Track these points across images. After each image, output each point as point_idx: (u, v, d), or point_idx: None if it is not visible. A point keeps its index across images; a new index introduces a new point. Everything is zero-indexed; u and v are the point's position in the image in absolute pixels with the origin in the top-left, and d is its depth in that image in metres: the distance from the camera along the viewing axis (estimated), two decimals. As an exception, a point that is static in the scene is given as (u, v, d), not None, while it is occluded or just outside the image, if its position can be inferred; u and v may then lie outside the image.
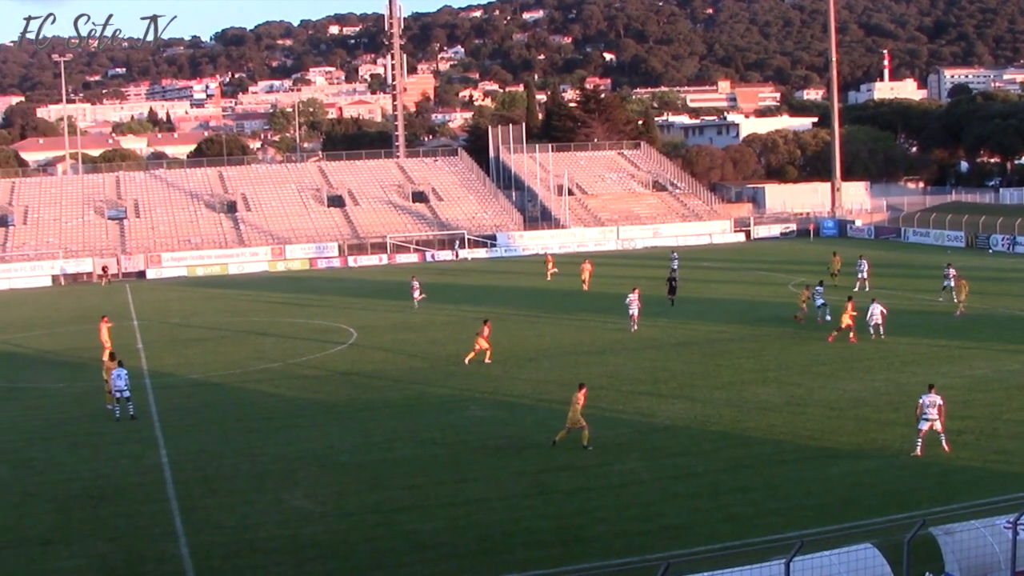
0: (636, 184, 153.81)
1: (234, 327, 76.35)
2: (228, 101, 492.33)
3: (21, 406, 52.81)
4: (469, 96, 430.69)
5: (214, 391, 53.91)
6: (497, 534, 30.78)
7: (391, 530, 31.64)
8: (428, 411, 46.52)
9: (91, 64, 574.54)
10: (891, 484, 33.65)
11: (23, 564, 30.56)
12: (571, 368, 54.43)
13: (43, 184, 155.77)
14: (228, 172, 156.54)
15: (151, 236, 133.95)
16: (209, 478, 37.98)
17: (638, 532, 30.32)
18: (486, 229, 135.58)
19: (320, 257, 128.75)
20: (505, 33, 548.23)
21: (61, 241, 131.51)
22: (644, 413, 44.30)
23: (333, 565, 29.21)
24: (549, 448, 39.34)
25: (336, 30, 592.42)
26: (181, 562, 29.98)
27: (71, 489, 37.58)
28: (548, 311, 73.70)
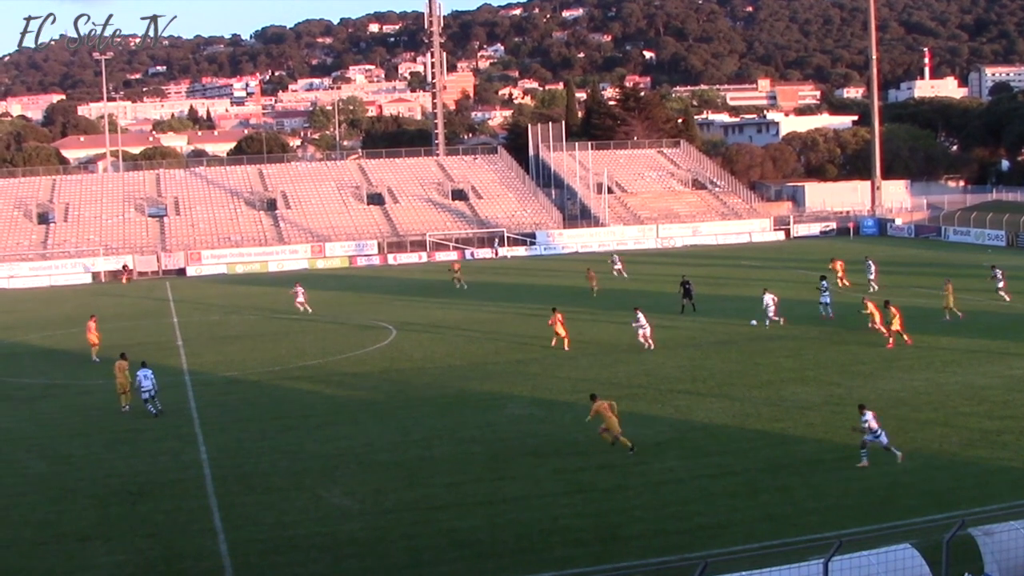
0: (675, 182, 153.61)
1: (273, 324, 76.57)
2: (268, 99, 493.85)
3: (60, 403, 53.09)
4: (509, 94, 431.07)
5: (253, 388, 54.10)
6: (535, 532, 30.80)
7: (429, 528, 31.70)
8: (466, 409, 46.57)
9: (132, 62, 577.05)
10: (930, 484, 33.52)
11: (62, 559, 30.74)
12: (609, 367, 54.42)
13: (84, 182, 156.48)
14: (268, 170, 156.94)
15: (191, 233, 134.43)
16: (248, 475, 38.13)
17: (676, 531, 30.30)
18: (525, 227, 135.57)
19: (360, 255, 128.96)
20: (545, 31, 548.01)
21: (101, 238, 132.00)
22: (682, 412, 44.23)
23: (371, 562, 29.27)
24: (587, 446, 39.35)
25: (376, 28, 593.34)
26: (220, 559, 30.10)
27: (110, 485, 37.78)
28: (586, 310, 73.62)
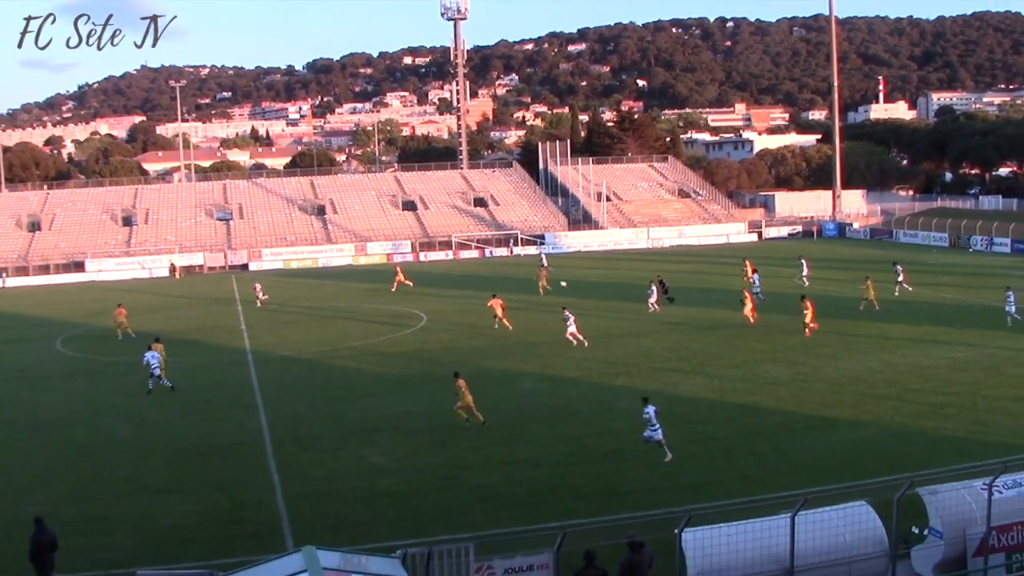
0: (664, 192, 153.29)
1: (323, 311, 76.61)
2: (318, 120, 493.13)
3: (141, 378, 53.04)
4: (522, 117, 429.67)
5: (305, 365, 54.20)
6: (545, 488, 30.83)
7: (455, 483, 31.78)
8: (487, 384, 46.47)
9: (202, 88, 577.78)
10: (884, 450, 33.44)
11: (143, 509, 30.83)
12: (608, 348, 54.35)
13: (161, 190, 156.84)
14: (318, 181, 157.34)
15: (253, 234, 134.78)
16: (301, 438, 38.22)
17: (665, 488, 30.32)
18: (536, 229, 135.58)
19: (396, 253, 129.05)
20: (553, 63, 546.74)
21: (177, 238, 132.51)
22: (670, 386, 44.16)
23: (405, 512, 29.33)
24: (589, 416, 39.44)
25: (410, 60, 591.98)
26: (277, 509, 30.18)
27: (183, 446, 37.94)
28: (589, 299, 73.56)
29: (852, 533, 21.56)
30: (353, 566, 17.63)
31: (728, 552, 20.65)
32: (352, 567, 17.56)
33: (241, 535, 28.23)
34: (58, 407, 46.98)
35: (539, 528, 25.84)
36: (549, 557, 21.11)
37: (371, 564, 18.06)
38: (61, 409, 46.44)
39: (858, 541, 21.54)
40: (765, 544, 20.95)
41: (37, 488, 33.69)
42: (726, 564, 20.65)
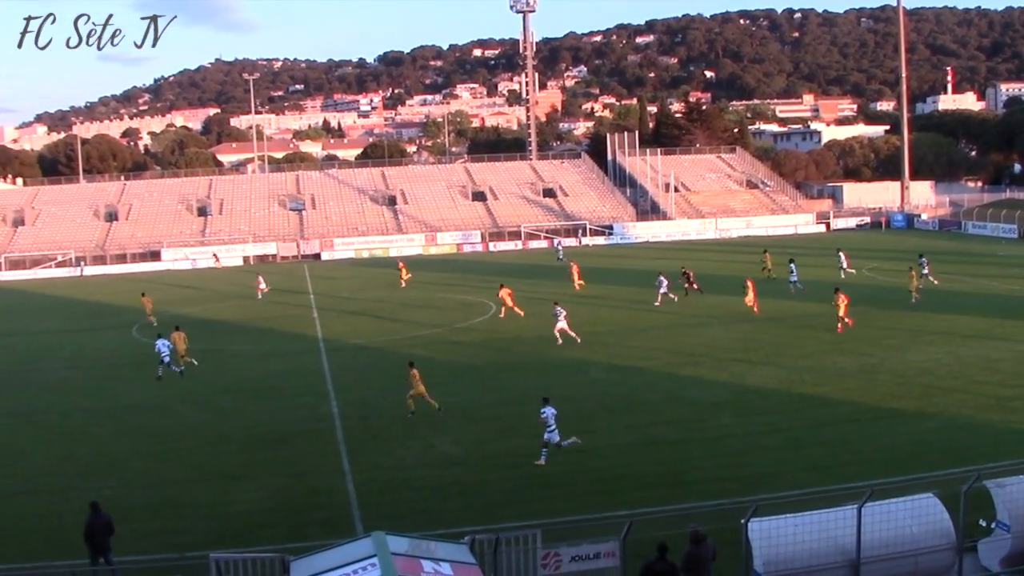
0: (732, 183, 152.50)
1: (393, 300, 76.89)
2: (389, 112, 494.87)
3: (216, 364, 53.64)
4: (591, 108, 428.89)
5: (376, 354, 54.42)
6: (611, 477, 30.79)
7: (522, 472, 31.75)
8: (554, 373, 46.56)
9: (275, 81, 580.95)
10: (951, 442, 33.09)
11: (217, 495, 31.13)
12: (674, 338, 54.18)
13: (235, 181, 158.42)
14: (389, 171, 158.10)
15: (325, 224, 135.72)
16: (371, 426, 38.42)
17: (731, 478, 30.13)
18: (604, 220, 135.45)
19: (465, 243, 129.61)
20: (621, 55, 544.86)
21: (250, 228, 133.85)
22: (737, 377, 43.97)
23: (473, 500, 29.40)
24: (656, 405, 39.29)
25: (479, 52, 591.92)
26: (347, 496, 30.34)
27: (256, 433, 38.24)
28: (651, 290, 73.36)
29: (919, 525, 21.32)
30: (422, 551, 17.69)
31: (794, 543, 20.50)
32: (421, 552, 17.62)
33: (312, 521, 28.42)
34: (133, 394, 47.52)
35: (606, 516, 25.79)
36: (615, 545, 21.07)
37: (439, 550, 18.11)
38: (136, 396, 46.96)
39: (925, 534, 21.30)
40: (831, 535, 20.79)
41: (112, 473, 34.10)
42: (792, 555, 20.51)
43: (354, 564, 16.91)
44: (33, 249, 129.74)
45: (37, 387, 50.42)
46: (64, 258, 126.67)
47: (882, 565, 20.96)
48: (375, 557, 16.77)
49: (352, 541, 18.78)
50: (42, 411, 44.72)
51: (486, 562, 20.16)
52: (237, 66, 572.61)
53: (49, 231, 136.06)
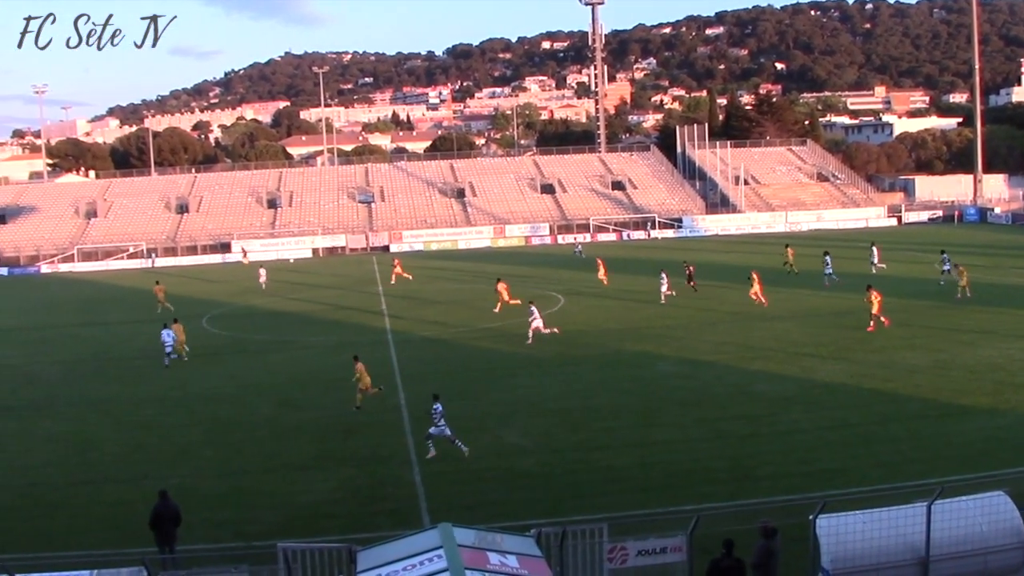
0: (802, 175, 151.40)
1: (462, 292, 77.11)
2: (458, 105, 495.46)
3: (285, 355, 54.10)
4: (660, 100, 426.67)
5: (444, 346, 54.60)
6: (679, 471, 30.69)
7: (589, 465, 31.75)
8: (622, 366, 46.51)
9: (344, 74, 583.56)
10: (1022, 439, 32.69)
11: (287, 484, 31.39)
12: (744, 332, 53.88)
13: (305, 174, 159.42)
14: (458, 164, 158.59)
15: (394, 217, 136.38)
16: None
17: (799, 473, 29.95)
18: (673, 213, 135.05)
19: (534, 235, 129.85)
20: (691, 46, 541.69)
21: (319, 220, 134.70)
22: (806, 371, 43.63)
23: (540, 493, 29.40)
24: (725, 400, 39.10)
25: (548, 45, 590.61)
26: (415, 487, 30.47)
27: (325, 424, 38.54)
28: (724, 282, 73.03)
29: (989, 524, 21.09)
30: (488, 543, 17.74)
31: (862, 540, 20.37)
32: (487, 544, 17.67)
33: (380, 511, 28.59)
34: (203, 384, 48.05)
35: (673, 511, 25.76)
36: (682, 540, 21.03)
37: (506, 542, 18.15)
38: (206, 386, 47.49)
39: (995, 532, 21.06)
40: (900, 532, 20.63)
41: (182, 462, 34.51)
42: (860, 552, 20.38)
43: (420, 555, 17.00)
44: (105, 241, 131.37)
45: (109, 377, 51.11)
46: (135, 250, 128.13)
47: (951, 563, 20.77)
48: (441, 548, 16.85)
49: (419, 532, 18.88)
50: (113, 400, 45.31)
51: (552, 555, 20.19)
52: (307, 59, 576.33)
53: (121, 223, 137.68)
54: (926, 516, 20.53)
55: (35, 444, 38.21)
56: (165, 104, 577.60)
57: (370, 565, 17.48)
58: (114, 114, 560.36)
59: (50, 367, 49.50)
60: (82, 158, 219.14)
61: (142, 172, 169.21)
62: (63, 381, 50.67)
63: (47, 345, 63.15)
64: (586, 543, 20.92)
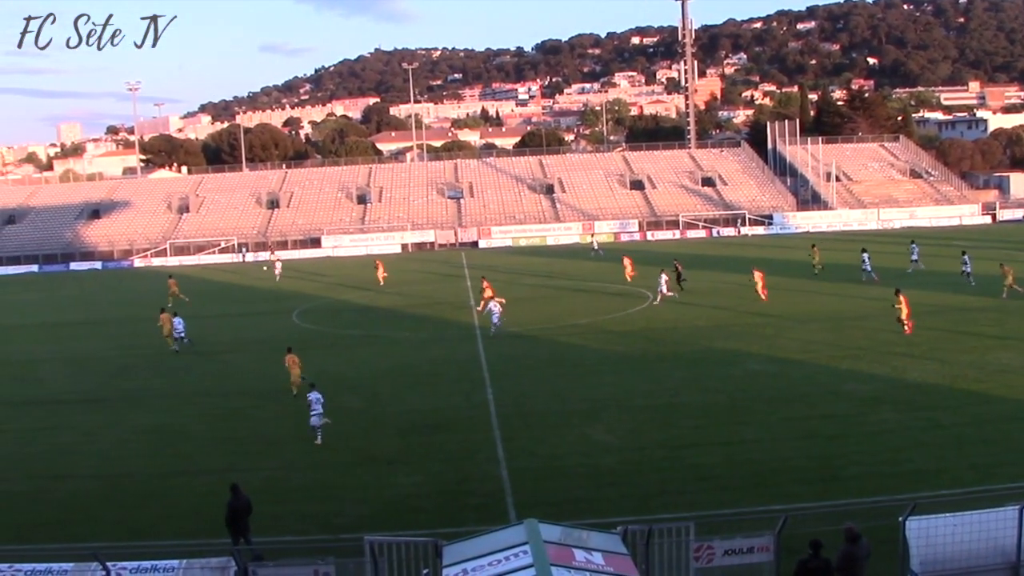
0: (895, 172, 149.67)
1: (550, 289, 77.13)
2: (547, 101, 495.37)
3: (374, 350, 54.49)
4: (750, 96, 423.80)
5: (532, 342, 54.61)
6: (767, 470, 30.46)
7: (676, 463, 31.67)
8: (710, 364, 46.27)
9: (434, 71, 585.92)
10: (1120, 441, 32.13)
11: (373, 479, 31.63)
12: (834, 331, 53.32)
13: (395, 169, 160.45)
14: (547, 160, 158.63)
15: (483, 212, 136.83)
16: (525, 414, 38.59)
17: (889, 474, 29.58)
18: (764, 210, 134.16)
19: (623, 232, 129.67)
20: (781, 41, 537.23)
21: (408, 216, 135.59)
22: (897, 371, 43.05)
23: (626, 490, 29.34)
24: (814, 399, 38.75)
25: (637, 40, 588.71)
26: (501, 483, 30.55)
27: (412, 419, 38.74)
28: (814, 281, 72.42)
29: (1084, 528, 20.76)
30: (574, 540, 17.73)
31: (953, 543, 20.11)
32: (573, 541, 17.66)
33: (466, 506, 28.71)
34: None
35: (760, 510, 25.62)
36: (770, 540, 20.91)
37: (592, 539, 18.13)
38: (296, 380, 47.95)
39: (1090, 536, 20.73)
40: (991, 536, 20.32)
41: (271, 454, 34.96)
42: (950, 555, 20.12)
43: (506, 551, 17.02)
44: (197, 235, 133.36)
45: (200, 370, 51.82)
46: (227, 244, 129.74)
47: (1044, 568, 20.47)
48: (527, 544, 16.87)
49: (504, 528, 18.91)
50: (204, 393, 45.98)
51: (638, 553, 20.15)
52: (396, 56, 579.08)
53: (212, 218, 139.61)
54: (1018, 520, 20.22)
55: (127, 435, 38.90)
56: (256, 100, 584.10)
57: (455, 560, 17.54)
58: (206, 110, 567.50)
59: (142, 359, 50.23)
60: (175, 154, 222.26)
61: (233, 168, 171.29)
62: (155, 373, 51.49)
63: (139, 338, 64.09)
64: (672, 541, 20.88)
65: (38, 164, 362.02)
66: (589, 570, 16.58)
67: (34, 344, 63.96)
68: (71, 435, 39.41)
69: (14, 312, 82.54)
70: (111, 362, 55.69)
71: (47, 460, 35.81)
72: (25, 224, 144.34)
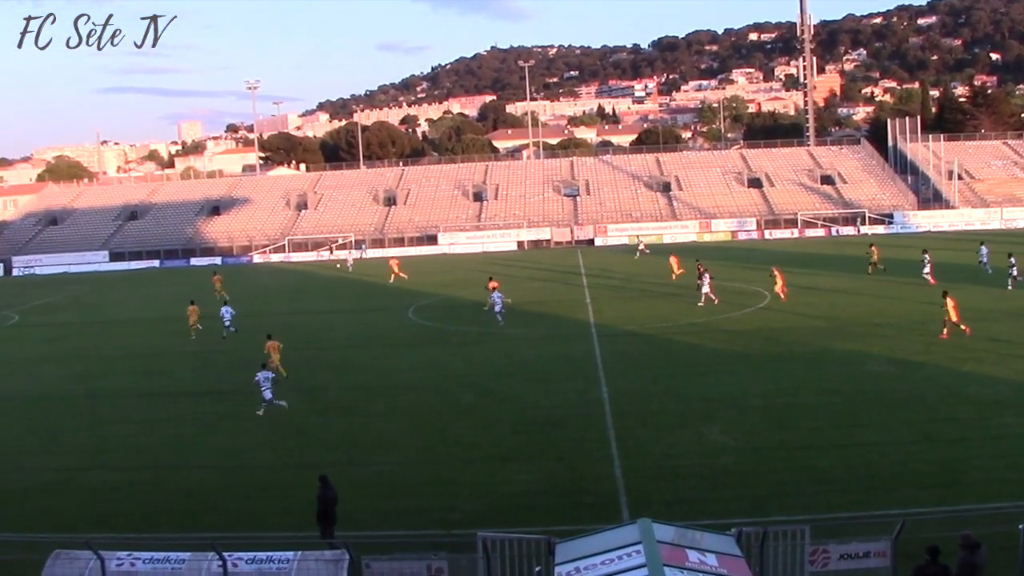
0: (1019, 170, 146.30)
1: (666, 287, 76.75)
2: (663, 98, 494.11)
3: (488, 347, 54.69)
4: (870, 93, 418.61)
5: (648, 340, 54.36)
6: (885, 474, 30.01)
7: (792, 464, 31.33)
8: (829, 364, 45.73)
9: (550, 68, 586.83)
10: None
11: (486, 475, 31.77)
12: (956, 333, 52.27)
13: (510, 167, 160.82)
14: (663, 157, 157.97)
15: (599, 210, 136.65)
16: (641, 412, 38.45)
17: (1012, 480, 28.94)
18: (884, 208, 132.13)
19: (740, 230, 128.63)
20: (902, 37, 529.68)
21: (524, 213, 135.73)
22: (1020, 375, 42.09)
23: (741, 492, 29.09)
24: (935, 402, 38.08)
25: (755, 37, 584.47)
26: (615, 481, 30.47)
27: (527, 416, 38.80)
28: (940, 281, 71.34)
29: None
30: (688, 541, 17.68)
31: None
32: (687, 542, 17.61)
33: (579, 504, 28.68)
34: (408, 374, 48.92)
35: (878, 514, 25.23)
36: (886, 545, 20.64)
37: (705, 540, 18.06)
38: (411, 376, 48.33)
39: None
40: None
41: (387, 449, 35.30)
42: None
43: (619, 550, 17.02)
44: (315, 232, 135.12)
45: (318, 364, 52.49)
46: (344, 241, 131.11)
47: None
48: (640, 544, 16.84)
49: (618, 527, 18.90)
50: (322, 387, 46.54)
51: (752, 555, 20.02)
52: (512, 53, 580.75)
53: (330, 215, 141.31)
54: None
55: (247, 427, 39.59)
56: (374, 98, 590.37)
57: (568, 558, 17.57)
58: (324, 109, 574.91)
59: (262, 353, 50.81)
60: (293, 151, 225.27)
61: (351, 165, 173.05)
62: (274, 367, 52.23)
63: (259, 332, 65.10)
64: (787, 544, 20.71)
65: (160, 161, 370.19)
66: (702, 571, 16.51)
67: (158, 337, 65.23)
68: (192, 426, 40.26)
69: (138, 306, 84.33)
70: (232, 355, 56.62)
71: (168, 450, 36.61)
72: (147, 220, 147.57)
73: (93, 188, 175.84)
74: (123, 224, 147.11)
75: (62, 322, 77.32)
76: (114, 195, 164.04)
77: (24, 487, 32.99)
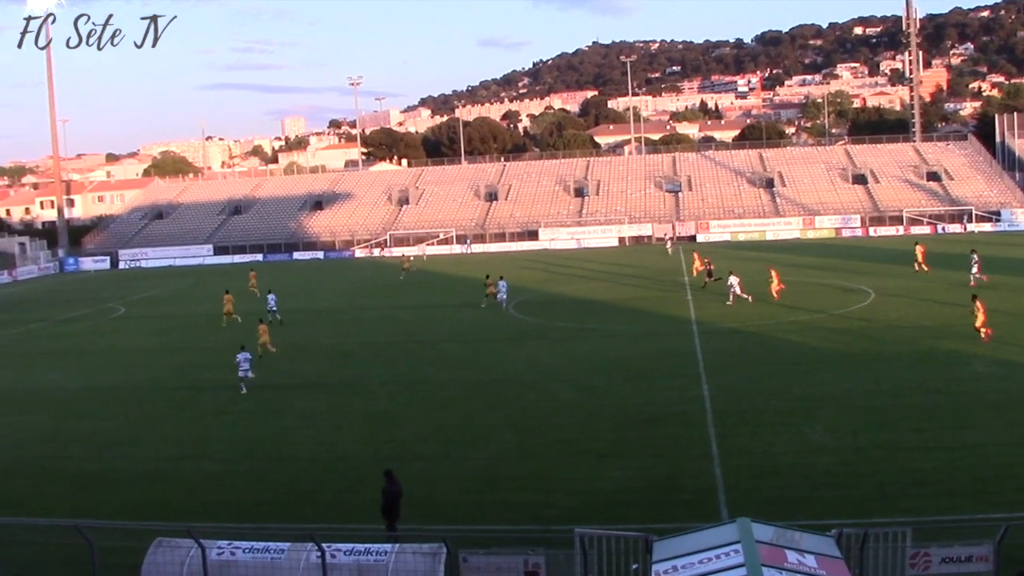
0: None
1: (767, 285, 76.14)
2: (767, 93, 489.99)
3: (589, 343, 54.63)
4: (978, 87, 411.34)
5: (750, 338, 54.00)
6: (990, 477, 29.54)
7: (894, 466, 30.90)
8: (934, 365, 45.08)
9: (652, 63, 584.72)
10: None
11: (585, 470, 31.79)
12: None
13: (612, 163, 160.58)
14: (767, 153, 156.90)
15: (701, 206, 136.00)
16: (742, 411, 38.21)
17: (1122, 484, 28.48)
18: (991, 206, 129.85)
19: (844, 227, 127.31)
20: (1011, 30, 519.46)
21: (626, 209, 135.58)
22: None
23: (842, 492, 28.78)
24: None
25: (860, 31, 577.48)
26: (714, 480, 30.32)
27: (626, 412, 38.75)
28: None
29: None
30: (787, 541, 17.56)
31: None
32: (785, 542, 17.49)
33: (677, 502, 28.60)
34: (506, 368, 49.16)
35: (981, 518, 24.84)
36: (989, 549, 20.34)
37: (805, 541, 17.92)
38: (510, 370, 48.54)
39: None
40: None
41: (483, 443, 35.50)
42: None
43: (717, 549, 16.97)
44: (416, 227, 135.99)
45: (418, 358, 52.90)
46: (446, 236, 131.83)
47: None
48: (739, 543, 16.78)
49: (716, 526, 18.83)
50: (421, 381, 46.86)
51: (852, 557, 19.83)
52: (614, 48, 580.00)
53: (432, 210, 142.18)
54: None
55: (345, 420, 40.03)
56: (475, 94, 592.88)
57: (666, 556, 17.53)
58: (426, 104, 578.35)
59: (362, 347, 51.39)
60: (395, 147, 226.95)
61: (452, 161, 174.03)
62: (374, 361, 52.75)
63: (360, 326, 65.76)
64: (888, 547, 20.47)
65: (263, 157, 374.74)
66: (801, 572, 16.39)
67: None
68: (292, 419, 40.76)
69: (240, 299, 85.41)
70: (333, 349, 57.25)
71: (268, 442, 37.11)
72: (251, 214, 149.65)
73: (198, 183, 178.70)
74: (227, 218, 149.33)
75: (167, 314, 78.68)
76: (218, 190, 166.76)
77: (127, 475, 33.69)
